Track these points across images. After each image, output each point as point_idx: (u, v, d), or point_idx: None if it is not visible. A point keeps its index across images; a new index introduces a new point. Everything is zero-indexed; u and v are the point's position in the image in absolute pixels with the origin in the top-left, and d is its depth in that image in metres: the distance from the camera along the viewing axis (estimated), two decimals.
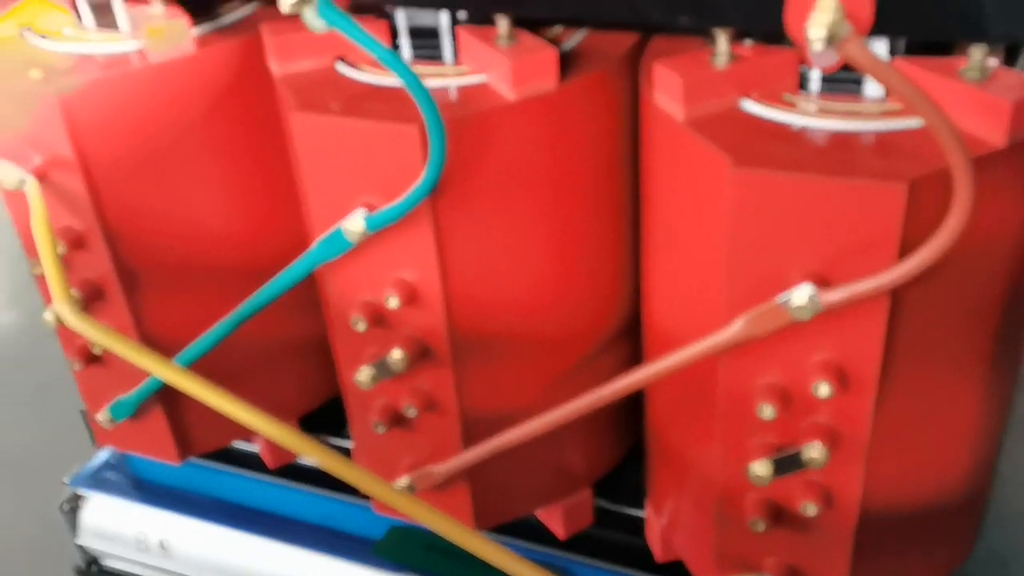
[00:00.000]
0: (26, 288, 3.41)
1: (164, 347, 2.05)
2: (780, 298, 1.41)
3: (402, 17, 1.73)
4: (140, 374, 2.03)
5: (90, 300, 2.00)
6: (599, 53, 1.72)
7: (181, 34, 1.83)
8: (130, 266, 1.99)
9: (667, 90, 1.51)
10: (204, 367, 1.98)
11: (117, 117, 1.85)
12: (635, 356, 1.99)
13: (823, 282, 1.40)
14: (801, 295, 1.39)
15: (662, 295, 1.74)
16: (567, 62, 1.66)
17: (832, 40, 1.13)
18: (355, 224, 1.64)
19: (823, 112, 1.47)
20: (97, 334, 1.79)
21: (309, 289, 1.90)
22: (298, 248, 1.81)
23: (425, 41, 1.76)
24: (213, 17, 1.96)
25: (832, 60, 1.19)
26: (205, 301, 2.06)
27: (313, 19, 1.41)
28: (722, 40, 1.52)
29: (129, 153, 1.89)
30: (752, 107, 1.51)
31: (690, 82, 1.48)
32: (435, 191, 1.58)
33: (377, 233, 1.65)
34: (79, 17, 1.99)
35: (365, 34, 1.41)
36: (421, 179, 1.54)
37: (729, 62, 1.52)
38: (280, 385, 2.30)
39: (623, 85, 1.74)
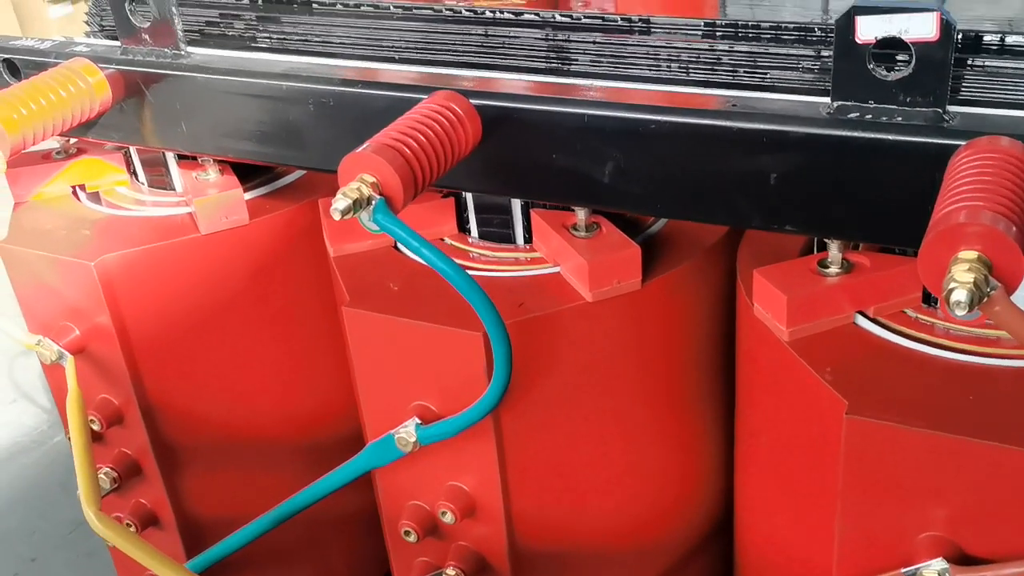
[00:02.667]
0: None
1: (204, 525, 1.89)
2: (906, 571, 1.18)
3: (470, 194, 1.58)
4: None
5: (126, 477, 1.85)
6: (687, 240, 1.54)
7: (233, 205, 1.70)
8: (169, 442, 1.84)
9: (769, 306, 1.31)
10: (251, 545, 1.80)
11: (160, 287, 1.72)
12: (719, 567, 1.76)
13: (955, 551, 1.16)
14: (932, 569, 1.16)
15: (759, 517, 1.52)
16: (651, 251, 1.48)
17: (976, 304, 0.93)
18: (407, 434, 1.46)
19: (955, 336, 1.26)
20: (118, 539, 1.63)
21: None
22: (351, 422, 1.64)
23: (495, 216, 1.60)
24: (268, 180, 1.83)
25: (975, 316, 0.98)
26: (249, 480, 1.90)
27: (367, 223, 1.26)
28: (834, 248, 1.32)
29: (172, 324, 1.75)
30: (869, 326, 1.30)
31: (797, 301, 1.28)
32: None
33: None
34: (134, 176, 1.89)
35: (423, 243, 1.24)
36: (484, 396, 1.36)
37: (841, 273, 1.31)
38: (329, 562, 2.11)
39: (714, 274, 1.55)
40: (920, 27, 1.12)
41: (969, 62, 1.22)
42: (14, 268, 1.75)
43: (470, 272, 1.28)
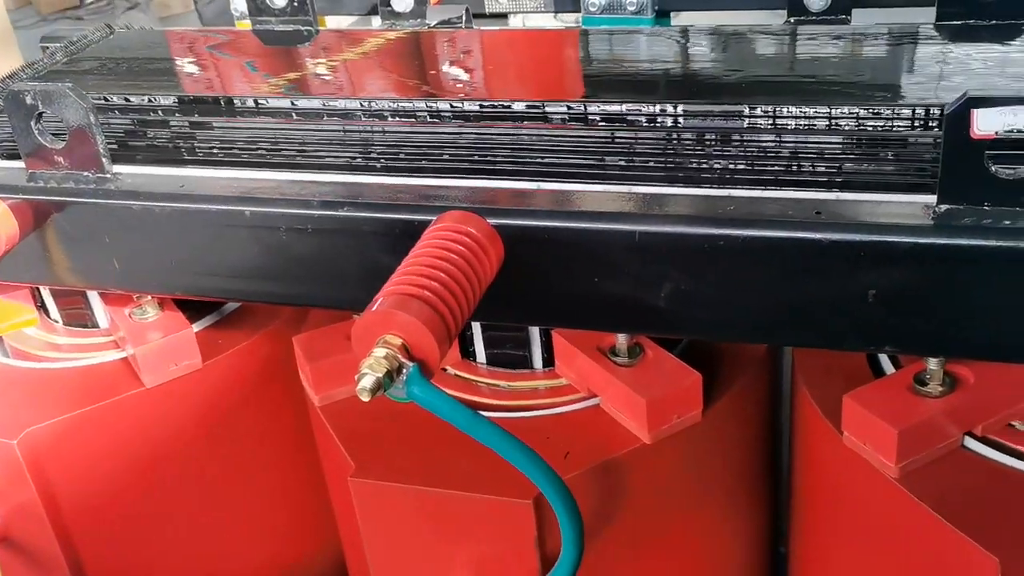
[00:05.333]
0: None
1: None
2: None
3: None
4: None
5: None
6: (730, 351, 1.34)
7: (183, 349, 1.41)
8: None
9: (869, 438, 1.13)
10: None
11: (98, 455, 1.41)
12: None
13: None
14: None
15: None
16: (699, 368, 1.27)
17: None
18: None
19: None
20: None
21: None
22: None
23: (508, 338, 1.37)
24: (216, 306, 1.54)
25: None
26: None
27: (398, 394, 1.01)
28: (933, 363, 1.14)
29: (114, 496, 1.45)
30: (982, 449, 1.13)
31: (907, 433, 1.09)
32: None
33: None
34: (43, 312, 1.57)
35: (474, 417, 1.00)
36: (555, 570, 1.11)
37: (945, 391, 1.14)
38: None
39: (763, 386, 1.36)
40: None
41: None
42: None
43: (486, 415, 1.05)
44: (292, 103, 1.41)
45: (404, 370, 0.98)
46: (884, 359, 1.28)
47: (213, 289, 1.32)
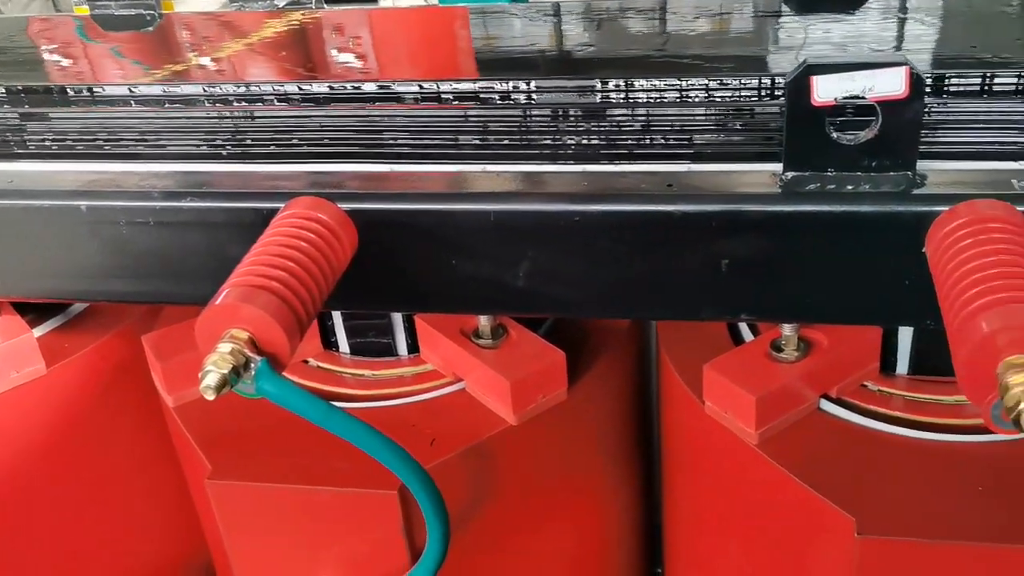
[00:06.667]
0: None
1: None
2: None
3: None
4: None
5: None
6: (592, 326, 1.34)
7: (24, 354, 1.33)
8: None
9: (729, 406, 1.14)
10: None
11: None
12: None
13: None
14: None
15: None
16: (561, 345, 1.27)
17: None
18: None
19: (922, 408, 1.14)
20: None
21: None
22: None
23: (370, 326, 1.33)
24: (60, 308, 1.46)
25: None
26: None
27: (247, 390, 0.97)
28: (788, 329, 1.16)
29: None
30: (838, 411, 1.16)
31: (765, 400, 1.10)
32: None
33: None
34: None
35: (332, 411, 0.97)
36: (422, 561, 1.09)
37: (800, 356, 1.16)
38: None
39: (630, 356, 1.36)
40: (887, 84, 0.98)
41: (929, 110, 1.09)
42: None
43: (351, 407, 1.02)
44: (130, 90, 1.34)
45: (252, 365, 0.93)
46: (744, 328, 1.30)
47: (53, 290, 1.24)
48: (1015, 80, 1.14)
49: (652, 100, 1.19)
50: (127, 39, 1.64)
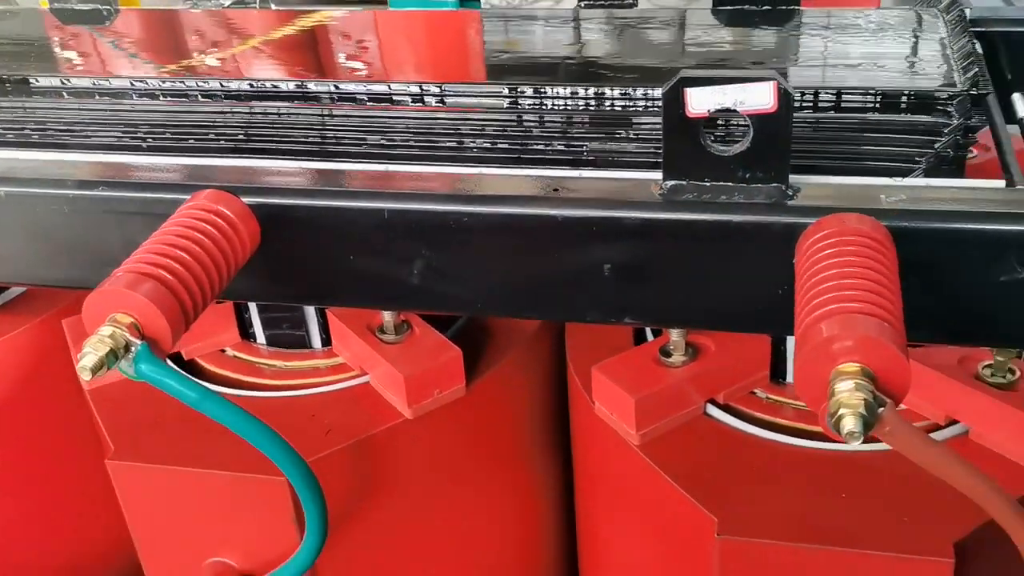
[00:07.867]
0: None
1: None
2: None
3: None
4: None
5: None
6: (505, 328, 1.37)
7: None
8: None
9: (615, 407, 1.17)
10: None
11: None
12: None
13: None
14: None
15: None
16: (467, 346, 1.30)
17: (870, 428, 0.81)
18: None
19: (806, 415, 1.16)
20: None
21: None
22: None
23: (284, 319, 1.37)
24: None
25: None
26: None
27: (128, 372, 1.01)
28: (675, 334, 1.19)
29: None
30: (723, 416, 1.18)
31: (645, 402, 1.13)
32: None
33: None
34: None
35: (205, 394, 1.01)
36: (299, 552, 1.13)
37: (687, 360, 1.19)
38: None
39: (542, 361, 1.39)
40: (757, 98, 1.00)
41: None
42: None
43: (263, 395, 1.05)
44: (63, 82, 1.38)
45: (133, 348, 0.97)
46: (649, 333, 1.33)
47: None
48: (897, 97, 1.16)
49: (553, 107, 1.22)
50: (77, 33, 1.68)
